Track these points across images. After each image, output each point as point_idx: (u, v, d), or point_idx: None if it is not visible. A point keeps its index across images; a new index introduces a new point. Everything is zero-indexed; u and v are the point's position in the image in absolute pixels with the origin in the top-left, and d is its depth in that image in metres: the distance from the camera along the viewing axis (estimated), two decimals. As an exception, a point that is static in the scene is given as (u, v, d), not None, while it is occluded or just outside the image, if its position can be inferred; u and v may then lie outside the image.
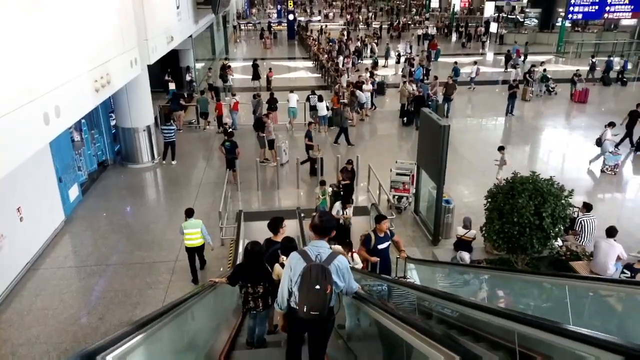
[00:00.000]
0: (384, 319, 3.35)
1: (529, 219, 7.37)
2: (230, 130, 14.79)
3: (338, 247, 7.49)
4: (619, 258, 7.68)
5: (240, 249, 8.62)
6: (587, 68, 25.04)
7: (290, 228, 9.60)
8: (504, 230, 7.65)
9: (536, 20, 40.29)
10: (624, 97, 22.39)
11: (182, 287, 8.56)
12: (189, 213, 8.82)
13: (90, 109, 9.00)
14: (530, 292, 4.81)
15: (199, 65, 24.70)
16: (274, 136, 14.53)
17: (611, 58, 26.51)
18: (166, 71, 20.92)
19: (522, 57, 28.68)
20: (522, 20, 43.23)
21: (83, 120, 12.52)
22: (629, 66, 26.70)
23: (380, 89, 21.93)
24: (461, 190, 12.72)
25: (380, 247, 7.11)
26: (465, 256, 8.02)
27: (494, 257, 8.94)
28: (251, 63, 24.63)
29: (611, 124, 14.04)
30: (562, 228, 7.63)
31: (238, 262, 7.24)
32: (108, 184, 13.29)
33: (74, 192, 11.66)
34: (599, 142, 13.97)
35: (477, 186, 12.73)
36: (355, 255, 7.27)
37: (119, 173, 14.01)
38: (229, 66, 24.39)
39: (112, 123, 14.68)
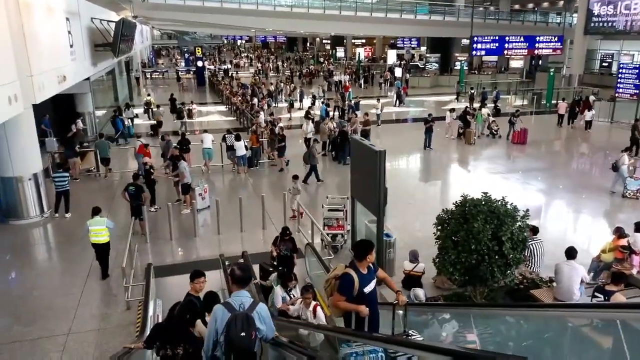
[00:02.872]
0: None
1: (487, 244, 6.60)
2: (136, 173, 12.99)
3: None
4: (582, 281, 7.11)
5: (151, 311, 6.92)
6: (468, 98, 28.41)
7: (214, 280, 8.14)
8: (460, 260, 6.81)
9: (437, 65, 42.79)
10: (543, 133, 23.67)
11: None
12: (95, 211, 9.27)
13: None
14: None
15: (99, 113, 22.61)
16: (187, 180, 12.99)
17: (486, 90, 30.95)
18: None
19: (407, 95, 31.80)
20: (422, 66, 45.75)
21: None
22: (501, 96, 30.36)
23: (317, 127, 21.33)
24: (394, 223, 11.95)
25: (366, 290, 4.60)
26: (420, 293, 7.03)
27: (448, 292, 8.05)
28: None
29: (628, 149, 13.96)
30: (521, 253, 6.94)
31: (157, 323, 6.24)
32: (-18, 246, 10.88)
33: None
34: (615, 167, 13.64)
35: (410, 217, 12.17)
36: (319, 310, 5.69)
37: (-1, 232, 11.61)
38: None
39: (-11, 174, 12.33)
